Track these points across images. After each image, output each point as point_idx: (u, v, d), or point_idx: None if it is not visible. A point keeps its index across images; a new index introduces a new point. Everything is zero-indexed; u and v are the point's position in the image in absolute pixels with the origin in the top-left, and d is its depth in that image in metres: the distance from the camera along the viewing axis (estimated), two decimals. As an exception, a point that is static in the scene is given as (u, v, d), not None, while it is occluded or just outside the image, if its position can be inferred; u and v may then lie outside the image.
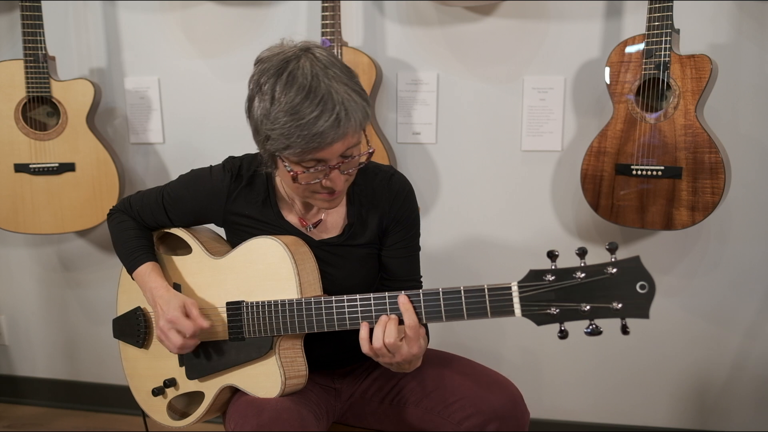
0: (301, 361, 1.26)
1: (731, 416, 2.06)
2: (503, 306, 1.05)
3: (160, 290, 1.28)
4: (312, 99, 1.06)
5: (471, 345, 2.18)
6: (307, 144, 1.07)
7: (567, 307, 1.00)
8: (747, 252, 1.96)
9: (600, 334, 0.98)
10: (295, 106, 1.06)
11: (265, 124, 1.10)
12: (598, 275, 0.98)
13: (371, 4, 2.06)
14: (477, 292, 1.07)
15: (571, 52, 1.97)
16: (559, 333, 1.02)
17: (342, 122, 1.07)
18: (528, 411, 1.25)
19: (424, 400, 1.29)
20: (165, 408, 1.38)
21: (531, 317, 1.03)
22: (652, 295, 0.95)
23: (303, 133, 1.06)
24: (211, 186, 1.32)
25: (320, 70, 1.08)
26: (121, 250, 1.37)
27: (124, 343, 1.44)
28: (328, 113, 1.05)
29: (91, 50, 2.25)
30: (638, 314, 0.96)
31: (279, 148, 1.10)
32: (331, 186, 1.15)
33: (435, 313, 1.11)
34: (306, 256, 1.25)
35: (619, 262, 0.97)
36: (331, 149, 1.09)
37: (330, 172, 1.13)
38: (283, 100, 1.07)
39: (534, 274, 1.03)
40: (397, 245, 1.34)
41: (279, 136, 1.08)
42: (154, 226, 1.40)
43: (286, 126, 1.06)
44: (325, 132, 1.06)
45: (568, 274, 1.00)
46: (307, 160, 1.11)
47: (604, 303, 0.97)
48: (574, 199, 2.04)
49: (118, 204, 1.43)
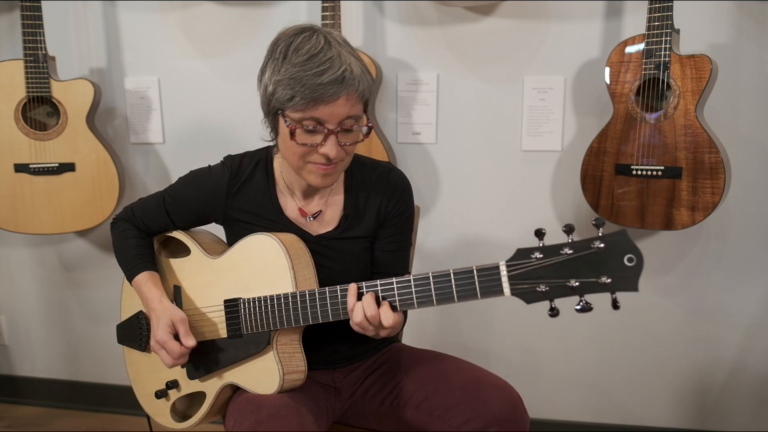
0: (300, 357, 1.26)
1: (731, 416, 2.07)
2: (492, 286, 1.05)
3: (154, 302, 1.30)
4: (321, 57, 1.12)
5: (471, 345, 2.18)
6: (311, 93, 1.11)
7: (556, 284, 1.00)
8: (747, 252, 1.96)
9: (590, 311, 0.98)
10: (305, 61, 1.12)
11: (274, 76, 1.15)
12: (586, 250, 0.97)
13: (371, 4, 2.06)
14: (466, 274, 1.08)
15: (571, 52, 1.97)
16: (550, 311, 1.02)
17: (346, 80, 1.12)
18: (528, 415, 1.25)
19: (424, 402, 1.29)
20: (168, 410, 1.39)
21: (520, 295, 1.03)
22: (641, 268, 0.95)
23: (308, 83, 1.11)
24: (211, 183, 1.33)
25: (333, 39, 1.16)
26: (121, 259, 1.39)
27: (128, 348, 1.45)
28: (334, 69, 1.11)
29: (91, 50, 2.25)
30: (627, 287, 0.96)
31: (283, 101, 1.14)
32: (326, 154, 1.16)
33: (426, 297, 1.12)
34: (301, 251, 1.26)
35: (606, 236, 0.96)
36: (332, 108, 1.13)
37: (327, 137, 1.15)
38: (294, 56, 1.13)
39: (521, 253, 1.03)
40: (390, 239, 1.35)
41: (285, 86, 1.13)
42: (158, 230, 1.41)
43: (294, 75, 1.12)
44: (328, 84, 1.11)
45: (556, 250, 1.00)
46: (307, 118, 1.14)
47: (592, 278, 0.97)
48: (574, 199, 2.04)
49: (121, 212, 1.45)
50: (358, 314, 1.14)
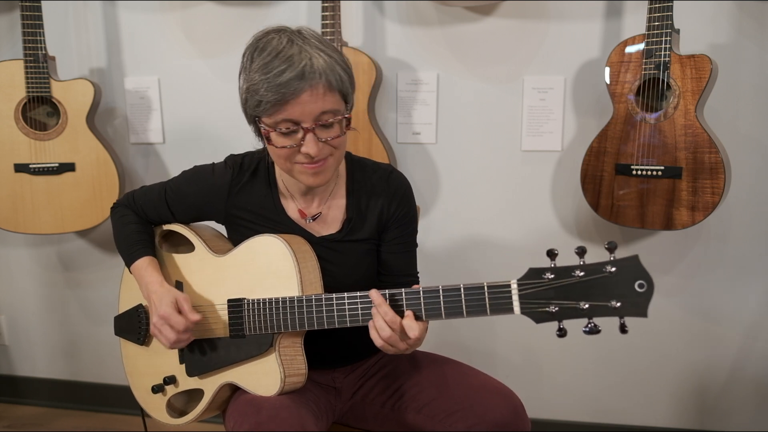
0: (301, 359, 1.26)
1: (731, 416, 2.07)
2: (502, 304, 1.06)
3: (155, 285, 1.29)
4: (281, 57, 1.11)
5: (471, 345, 2.18)
6: (273, 95, 1.10)
7: (566, 305, 1.00)
8: (747, 252, 1.96)
9: (598, 333, 0.99)
10: (267, 64, 1.12)
11: (244, 84, 1.17)
12: (597, 274, 0.98)
13: (371, 4, 2.06)
14: (477, 290, 1.08)
15: (571, 52, 1.97)
16: (558, 331, 1.03)
17: (306, 74, 1.10)
18: (529, 422, 1.25)
19: (425, 407, 1.29)
20: (164, 406, 1.38)
21: (530, 315, 1.04)
22: (651, 294, 0.96)
23: (269, 85, 1.10)
24: (213, 182, 1.33)
25: (295, 36, 1.15)
26: (121, 244, 1.38)
27: (124, 340, 1.44)
28: (293, 66, 1.10)
29: (91, 50, 2.25)
30: (636, 313, 0.96)
31: (254, 107, 1.15)
32: (308, 152, 1.15)
33: (434, 311, 1.11)
34: (308, 254, 1.25)
35: (618, 261, 0.97)
36: (300, 106, 1.11)
37: (305, 136, 1.14)
38: (257, 62, 1.14)
39: (533, 272, 1.03)
40: (395, 241, 1.35)
41: (253, 92, 1.14)
42: (157, 220, 1.41)
43: (258, 80, 1.12)
44: (288, 82, 1.09)
45: (567, 272, 1.00)
46: (279, 121, 1.14)
47: (602, 301, 0.98)
48: (574, 199, 2.04)
49: (122, 198, 1.44)
50: (384, 328, 1.12)
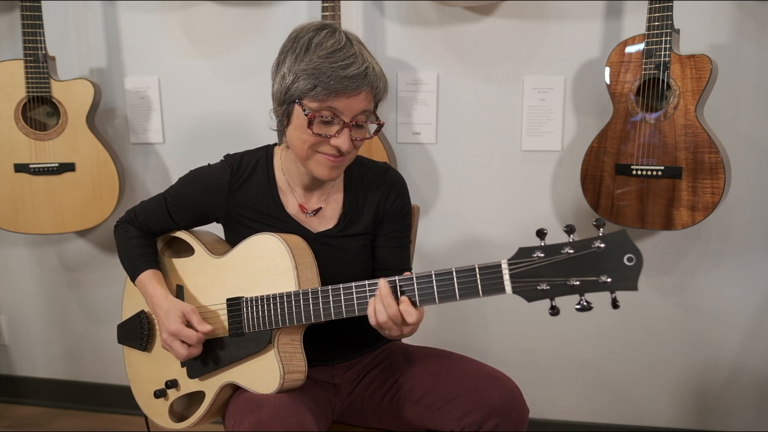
0: (300, 357, 1.26)
1: (731, 416, 2.07)
2: (494, 284, 1.06)
3: (159, 299, 1.31)
4: (345, 52, 1.17)
5: (469, 344, 2.18)
6: (335, 84, 1.14)
7: (557, 283, 1.01)
8: (747, 252, 1.96)
9: (590, 310, 0.99)
10: (331, 53, 1.16)
11: (296, 66, 1.18)
12: (586, 250, 0.99)
13: (371, 4, 2.06)
14: (468, 272, 1.09)
15: (571, 52, 1.97)
16: (550, 309, 1.03)
17: (368, 76, 1.17)
18: (527, 407, 1.26)
19: (423, 397, 1.30)
20: (167, 411, 1.39)
21: (521, 293, 1.04)
22: (640, 267, 0.96)
23: (334, 74, 1.14)
24: (212, 181, 1.34)
25: (354, 39, 1.21)
26: (124, 260, 1.40)
27: (128, 348, 1.45)
28: (358, 64, 1.16)
29: (91, 50, 2.25)
30: (627, 287, 0.97)
31: (305, 90, 1.17)
32: (339, 146, 1.19)
33: (428, 296, 1.12)
34: (305, 251, 1.26)
35: (606, 236, 0.98)
36: (351, 101, 1.17)
37: (341, 129, 1.18)
38: (318, 49, 1.17)
39: (523, 251, 1.04)
40: (391, 235, 1.38)
41: (309, 75, 1.16)
42: (160, 231, 1.43)
43: (319, 66, 1.15)
44: (353, 77, 1.15)
45: (557, 250, 1.01)
46: (325, 108, 1.17)
47: (592, 277, 0.98)
48: (574, 199, 2.04)
49: (124, 215, 1.46)
50: (381, 313, 1.14)
